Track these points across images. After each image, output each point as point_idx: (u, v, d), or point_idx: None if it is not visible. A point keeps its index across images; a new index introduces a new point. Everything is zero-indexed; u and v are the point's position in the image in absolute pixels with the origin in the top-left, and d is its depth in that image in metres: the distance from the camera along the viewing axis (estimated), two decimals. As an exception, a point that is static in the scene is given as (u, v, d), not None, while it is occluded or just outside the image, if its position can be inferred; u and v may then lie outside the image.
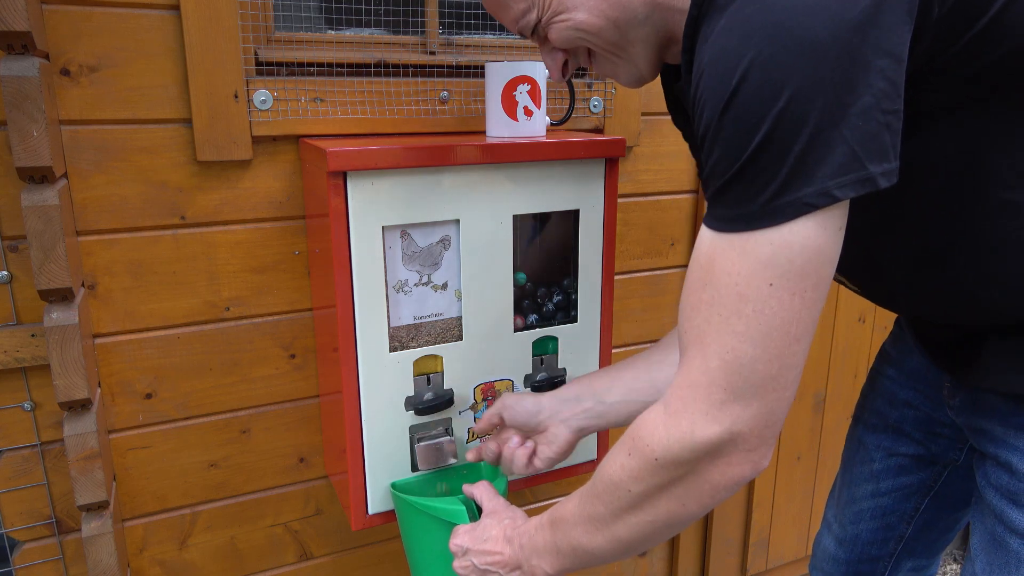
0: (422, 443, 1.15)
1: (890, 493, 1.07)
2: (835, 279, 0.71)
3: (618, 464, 0.74)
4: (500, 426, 1.10)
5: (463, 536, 0.95)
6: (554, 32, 0.79)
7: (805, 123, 0.56)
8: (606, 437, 1.33)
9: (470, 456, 1.13)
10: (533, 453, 1.07)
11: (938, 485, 1.04)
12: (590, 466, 1.32)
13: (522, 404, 1.06)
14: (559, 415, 1.04)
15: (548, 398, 1.06)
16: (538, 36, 0.83)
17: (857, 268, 0.81)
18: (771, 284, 0.61)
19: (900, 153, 0.59)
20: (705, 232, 0.65)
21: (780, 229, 0.59)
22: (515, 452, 1.06)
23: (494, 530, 0.93)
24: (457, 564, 0.94)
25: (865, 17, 0.55)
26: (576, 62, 0.85)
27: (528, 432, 1.07)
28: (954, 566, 2.20)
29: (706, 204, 0.65)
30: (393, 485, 1.15)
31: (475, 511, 1.01)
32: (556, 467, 1.28)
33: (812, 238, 0.59)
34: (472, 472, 1.20)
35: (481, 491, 1.02)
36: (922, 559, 1.11)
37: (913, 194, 0.63)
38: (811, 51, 0.55)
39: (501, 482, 1.13)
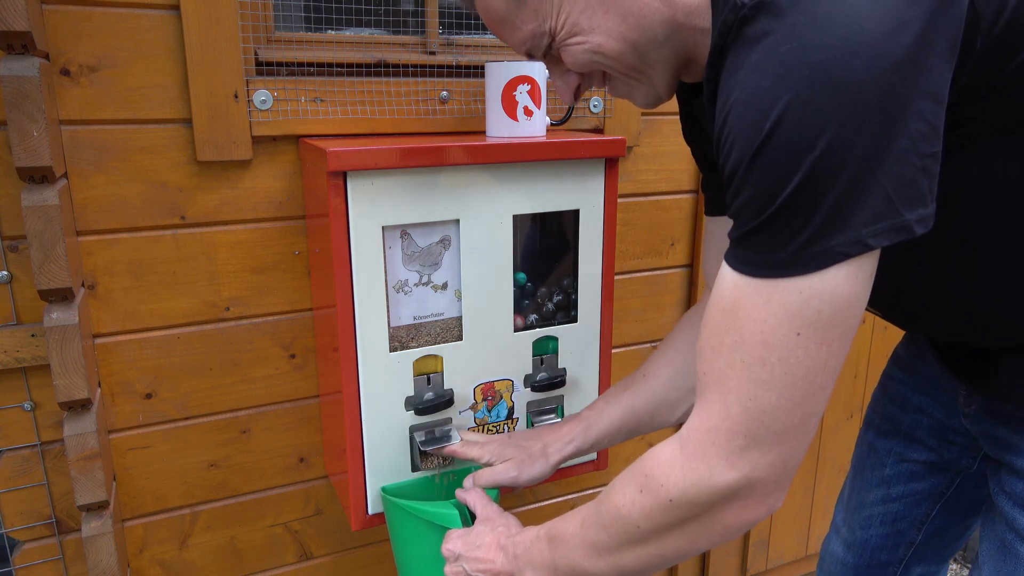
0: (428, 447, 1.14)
1: (901, 499, 1.06)
2: None
3: (628, 499, 0.73)
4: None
5: (455, 541, 0.94)
6: (568, 55, 0.75)
7: (842, 170, 0.54)
8: (606, 437, 1.33)
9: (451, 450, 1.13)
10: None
11: (950, 492, 1.03)
12: (589, 466, 1.32)
13: (533, 470, 1.06)
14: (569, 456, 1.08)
15: (562, 452, 1.07)
16: (550, 58, 0.79)
17: (880, 294, 0.80)
18: (798, 334, 0.59)
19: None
20: (728, 273, 0.63)
21: (810, 278, 0.57)
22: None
23: (487, 537, 0.92)
24: (448, 569, 0.94)
25: (907, 56, 0.52)
26: (589, 84, 0.80)
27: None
28: (954, 566, 2.20)
29: (730, 242, 0.63)
30: (384, 489, 1.13)
31: (468, 517, 1.01)
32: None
33: (843, 287, 0.57)
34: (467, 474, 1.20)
35: (475, 497, 1.02)
36: (932, 565, 1.10)
37: (945, 217, 0.61)
38: (851, 95, 0.52)
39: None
